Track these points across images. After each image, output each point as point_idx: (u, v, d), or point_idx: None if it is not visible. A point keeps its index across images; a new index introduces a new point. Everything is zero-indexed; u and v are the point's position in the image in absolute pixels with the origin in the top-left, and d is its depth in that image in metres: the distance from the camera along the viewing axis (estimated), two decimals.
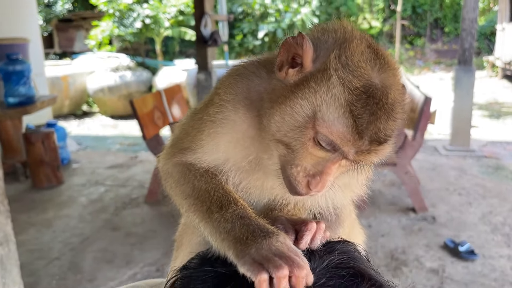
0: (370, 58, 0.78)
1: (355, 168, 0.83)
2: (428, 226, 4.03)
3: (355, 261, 0.69)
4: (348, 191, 0.97)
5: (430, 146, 6.41)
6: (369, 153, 0.77)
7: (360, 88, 0.75)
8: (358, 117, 0.74)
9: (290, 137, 0.79)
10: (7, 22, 6.35)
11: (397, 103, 0.77)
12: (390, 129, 0.76)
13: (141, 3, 10.65)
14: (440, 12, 14.98)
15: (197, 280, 0.67)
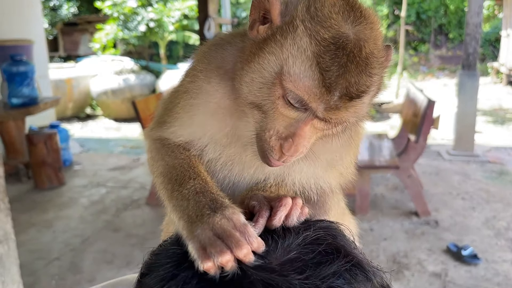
0: (343, 10, 0.72)
1: (332, 132, 0.78)
2: (431, 230, 4.00)
3: (334, 238, 0.64)
4: (334, 171, 0.92)
5: (433, 151, 6.37)
6: (339, 110, 0.71)
7: (329, 39, 0.70)
8: (325, 69, 0.69)
9: (260, 97, 0.75)
10: (12, 24, 6.39)
11: (373, 57, 0.72)
12: (363, 84, 0.71)
13: (146, 6, 10.70)
14: (444, 18, 14.97)
15: (163, 255, 0.64)
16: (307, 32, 0.71)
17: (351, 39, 0.70)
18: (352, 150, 0.93)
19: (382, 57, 0.75)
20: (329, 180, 0.92)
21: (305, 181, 0.89)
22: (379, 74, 0.75)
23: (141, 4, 10.59)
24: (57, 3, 12.96)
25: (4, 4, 6.26)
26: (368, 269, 0.61)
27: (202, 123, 0.87)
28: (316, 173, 0.89)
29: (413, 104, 4.67)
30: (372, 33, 0.73)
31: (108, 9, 10.60)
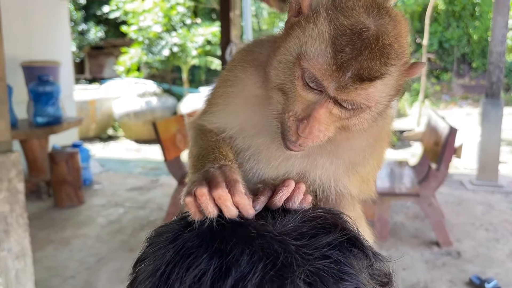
0: (368, 5, 0.77)
1: (351, 123, 0.81)
2: (453, 261, 3.87)
3: (336, 218, 0.62)
4: (355, 176, 0.93)
5: (456, 180, 6.23)
6: (350, 91, 0.74)
7: (347, 25, 0.74)
8: (339, 50, 0.73)
9: (283, 79, 0.81)
10: (41, 46, 6.62)
11: (391, 49, 0.75)
12: (376, 70, 0.74)
13: (170, 31, 10.96)
14: (467, 48, 14.89)
15: (167, 227, 0.64)
16: (328, 18, 0.77)
17: (370, 28, 0.75)
18: (376, 155, 0.94)
19: (402, 53, 0.78)
20: (349, 184, 0.93)
21: (326, 179, 0.90)
22: (397, 68, 0.77)
23: (166, 29, 10.86)
24: (86, 27, 13.40)
25: (35, 27, 6.51)
26: (365, 245, 0.60)
27: (235, 111, 0.93)
28: (337, 172, 0.91)
29: (434, 131, 4.61)
30: (395, 29, 0.77)
31: (133, 34, 10.90)
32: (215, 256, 0.52)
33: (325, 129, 0.80)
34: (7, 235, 2.77)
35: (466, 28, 14.69)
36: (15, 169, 2.80)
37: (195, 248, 0.54)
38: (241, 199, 0.65)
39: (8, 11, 2.76)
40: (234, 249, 0.53)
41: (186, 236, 0.57)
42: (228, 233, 0.57)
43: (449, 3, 14.54)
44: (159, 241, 0.60)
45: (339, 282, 0.52)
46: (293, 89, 0.80)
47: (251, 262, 0.51)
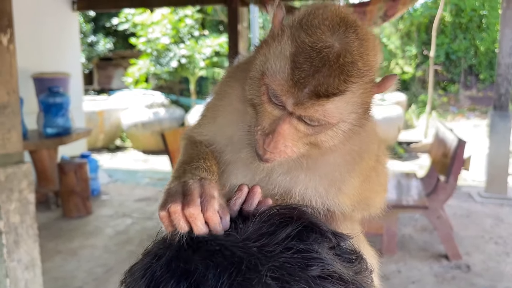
0: (333, 24, 0.79)
1: (318, 140, 0.82)
2: (462, 274, 3.83)
3: (292, 211, 0.63)
4: (342, 193, 0.93)
5: (464, 193, 6.19)
6: (308, 107, 0.76)
7: (308, 42, 0.77)
8: (297, 67, 0.76)
9: (253, 94, 0.84)
10: (52, 58, 6.71)
11: (354, 67, 0.77)
12: (334, 86, 0.75)
13: (178, 43, 11.07)
14: (474, 59, 14.87)
15: (138, 264, 0.67)
16: (291, 36, 0.79)
17: (332, 45, 0.76)
18: (359, 171, 0.94)
19: (367, 70, 0.79)
20: (338, 201, 0.93)
21: (308, 196, 0.91)
22: (360, 86, 0.79)
23: (174, 41, 10.96)
24: (95, 39, 13.56)
25: (46, 39, 6.60)
26: (324, 229, 0.61)
27: (223, 124, 0.96)
28: (318, 189, 0.91)
29: (442, 143, 4.60)
30: (360, 48, 0.78)
31: (142, 45, 11.01)
32: (182, 279, 0.54)
33: (292, 144, 0.82)
34: (17, 245, 2.79)
35: (473, 39, 14.69)
36: (26, 180, 2.83)
37: (163, 276, 0.56)
38: (212, 216, 0.66)
39: (20, 23, 2.81)
40: (198, 266, 0.54)
41: (154, 267, 0.59)
42: (191, 252, 0.58)
43: (456, 15, 14.57)
44: (131, 280, 0.62)
45: (305, 269, 0.53)
46: (260, 104, 0.82)
47: (217, 275, 0.52)
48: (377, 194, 1.04)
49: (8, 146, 2.74)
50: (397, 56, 14.95)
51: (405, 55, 15.05)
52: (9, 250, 2.74)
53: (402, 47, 15.02)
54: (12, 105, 2.76)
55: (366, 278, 0.60)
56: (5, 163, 2.73)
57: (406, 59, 15.03)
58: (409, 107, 13.10)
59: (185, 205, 0.68)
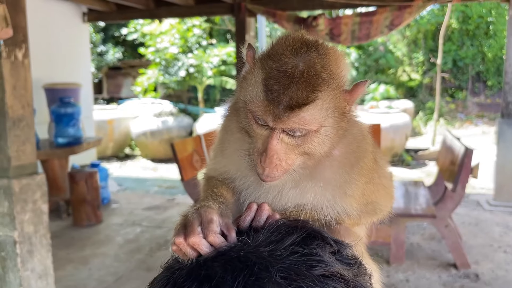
0: (296, 48, 0.91)
1: (308, 148, 0.92)
2: (471, 284, 3.83)
3: (296, 222, 0.71)
4: (348, 197, 1.02)
5: (472, 201, 6.17)
6: (285, 119, 0.88)
7: (275, 68, 0.89)
8: (269, 88, 0.88)
9: (243, 122, 0.97)
10: (63, 69, 6.83)
11: (318, 78, 0.89)
12: (303, 97, 0.87)
13: (186, 53, 11.18)
14: (482, 66, 14.84)
15: (159, 276, 0.71)
16: (261, 66, 0.92)
17: (295, 65, 0.89)
18: (359, 171, 1.03)
19: (332, 79, 0.91)
20: (345, 206, 1.02)
21: (320, 202, 1.01)
22: (328, 93, 0.90)
23: (182, 50, 11.08)
24: (104, 49, 13.72)
25: (57, 50, 6.72)
26: (326, 236, 0.69)
27: (230, 155, 1.07)
28: (326, 194, 1.01)
29: (450, 151, 4.61)
30: (322, 61, 0.91)
31: (151, 55, 11.14)
32: (204, 282, 0.60)
33: (286, 157, 0.92)
34: (31, 255, 2.86)
35: (481, 46, 14.67)
36: (39, 191, 2.90)
37: (186, 282, 0.61)
38: (214, 239, 0.73)
39: (32, 35, 2.89)
40: (218, 271, 0.61)
41: (176, 275, 0.64)
42: (211, 261, 0.65)
43: (463, 22, 14.57)
44: None
45: (309, 269, 0.60)
46: (251, 129, 0.94)
47: (234, 277, 0.58)
48: (383, 197, 1.12)
49: (22, 158, 2.82)
50: (404, 63, 14.95)
51: (412, 62, 15.05)
52: (23, 259, 2.81)
53: (409, 54, 15.03)
54: (26, 118, 2.83)
55: (366, 281, 0.67)
56: (19, 174, 2.80)
57: (413, 66, 15.03)
58: (417, 115, 13.08)
59: (186, 236, 0.75)
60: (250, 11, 6.26)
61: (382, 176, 1.11)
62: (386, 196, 1.13)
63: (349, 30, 5.70)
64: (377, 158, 1.09)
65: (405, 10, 5.43)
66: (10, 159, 2.73)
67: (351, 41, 6.04)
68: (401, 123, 8.80)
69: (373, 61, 13.96)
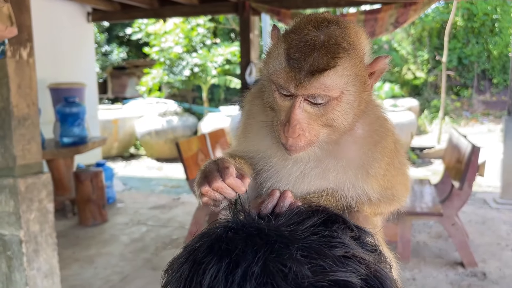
0: (317, 23, 0.95)
1: (326, 115, 0.94)
2: (478, 282, 3.80)
3: (316, 206, 0.70)
4: (370, 178, 1.03)
5: (479, 199, 6.13)
6: (307, 84, 0.90)
7: (296, 38, 0.94)
8: (291, 57, 0.92)
9: (269, 97, 1.00)
10: (68, 68, 6.84)
11: (339, 47, 0.92)
12: (324, 63, 0.90)
13: (191, 52, 11.18)
14: (487, 64, 14.75)
15: (179, 255, 0.69)
16: (284, 39, 0.96)
17: (316, 36, 0.92)
18: (382, 152, 1.05)
19: (352, 49, 0.94)
20: (366, 188, 1.04)
21: (342, 180, 1.04)
22: (348, 60, 0.93)
23: (186, 50, 11.08)
24: (109, 49, 13.75)
25: (62, 50, 6.74)
26: (347, 219, 0.69)
27: (253, 139, 1.11)
28: (348, 173, 1.03)
29: (456, 150, 4.58)
30: (342, 33, 0.94)
31: (155, 55, 11.14)
32: (224, 256, 0.59)
33: (309, 128, 0.94)
34: (36, 254, 2.86)
35: (486, 44, 14.57)
36: (45, 190, 2.90)
37: (206, 257, 0.61)
38: (232, 182, 0.85)
39: (37, 35, 2.89)
40: (238, 245, 0.60)
41: (196, 252, 0.64)
42: (232, 235, 0.64)
43: (468, 20, 14.48)
44: (174, 267, 0.66)
45: (330, 249, 0.60)
46: (275, 102, 0.97)
47: (254, 251, 0.58)
48: (401, 185, 1.13)
49: (28, 157, 2.82)
50: (409, 61, 14.88)
51: (417, 60, 14.98)
52: (29, 259, 2.81)
53: (414, 53, 14.96)
54: (31, 117, 2.83)
55: (386, 268, 0.66)
56: (25, 173, 2.80)
57: (418, 65, 14.96)
58: (422, 113, 13.02)
59: (210, 183, 0.85)
60: (254, 10, 6.24)
61: (402, 163, 1.12)
62: (404, 185, 1.14)
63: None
64: (397, 144, 1.10)
65: (410, 8, 5.40)
66: (15, 158, 2.73)
67: None
68: (406, 121, 8.76)
69: None
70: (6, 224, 2.78)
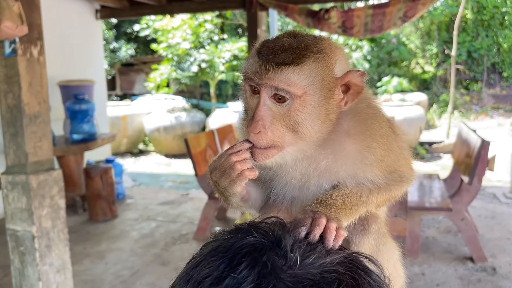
0: (295, 33, 1.02)
1: (289, 116, 0.96)
2: (488, 277, 3.79)
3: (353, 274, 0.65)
4: (367, 165, 1.05)
5: (489, 193, 6.10)
6: (272, 75, 0.94)
7: (271, 42, 1.00)
8: (261, 52, 0.98)
9: (243, 99, 1.06)
10: (77, 66, 6.89)
11: (308, 49, 0.97)
12: (290, 58, 0.95)
13: (198, 48, 11.19)
14: (497, 57, 14.59)
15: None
16: (260, 44, 1.02)
17: (289, 41, 0.98)
18: (370, 140, 1.06)
19: (321, 53, 0.98)
20: (365, 172, 1.06)
21: (342, 175, 1.06)
22: (314, 62, 0.96)
23: (194, 46, 11.09)
24: (117, 45, 13.81)
25: (71, 47, 6.78)
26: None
27: None
28: (349, 170, 1.05)
29: (466, 144, 4.55)
30: (316, 42, 0.99)
31: (163, 51, 11.17)
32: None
33: (271, 127, 0.96)
34: (49, 250, 2.90)
35: (496, 37, 14.41)
36: (57, 186, 2.94)
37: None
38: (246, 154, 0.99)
39: (46, 33, 2.91)
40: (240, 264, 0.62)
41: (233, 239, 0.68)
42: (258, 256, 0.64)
43: (478, 13, 14.32)
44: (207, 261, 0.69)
45: None
46: (246, 102, 1.02)
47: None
48: (406, 166, 1.15)
49: (39, 154, 2.85)
50: (417, 55, 14.77)
51: (425, 54, 14.86)
52: (42, 254, 2.85)
53: (423, 46, 14.84)
54: (42, 115, 2.87)
55: None
56: (36, 170, 2.84)
57: (426, 59, 14.84)
58: (431, 107, 12.93)
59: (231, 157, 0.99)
60: (262, 5, 6.23)
61: (400, 146, 1.13)
62: (407, 166, 1.15)
63: (361, 22, 5.63)
64: (394, 129, 1.12)
65: (419, 1, 5.35)
66: (27, 155, 2.77)
67: (364, 34, 5.97)
68: (415, 116, 8.71)
69: (386, 53, 13.81)
70: (18, 220, 2.82)
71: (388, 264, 1.10)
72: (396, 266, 1.15)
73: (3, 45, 2.69)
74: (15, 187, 2.79)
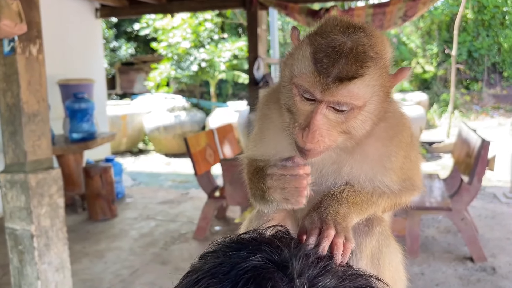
0: (343, 27, 0.94)
1: (351, 125, 0.94)
2: (488, 277, 3.78)
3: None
4: (386, 169, 1.05)
5: (489, 193, 6.09)
6: (333, 91, 0.89)
7: (324, 43, 0.92)
8: (318, 61, 0.90)
9: (287, 99, 0.98)
10: (77, 65, 6.88)
11: (366, 55, 0.91)
12: (353, 71, 0.89)
13: (198, 47, 11.18)
14: (498, 57, 14.57)
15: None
16: (309, 42, 0.95)
17: (343, 42, 0.91)
18: (395, 146, 1.06)
19: (378, 58, 0.94)
20: (383, 176, 1.06)
21: (356, 174, 1.05)
22: (375, 70, 0.93)
23: (194, 45, 11.08)
24: (117, 44, 13.80)
25: (71, 46, 6.78)
26: None
27: (269, 141, 1.12)
28: (366, 172, 1.05)
29: (466, 144, 4.55)
30: (369, 41, 0.94)
31: (163, 50, 11.16)
32: None
33: (327, 134, 0.93)
34: (47, 248, 2.89)
35: (496, 37, 14.39)
36: (55, 185, 2.93)
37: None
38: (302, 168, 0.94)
39: (45, 31, 2.91)
40: None
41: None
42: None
43: (478, 12, 14.30)
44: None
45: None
46: (294, 105, 0.96)
47: None
48: (418, 176, 1.16)
49: (38, 153, 2.85)
50: (417, 55, 14.76)
51: (426, 54, 14.85)
52: (40, 253, 2.85)
53: (423, 46, 14.83)
54: (41, 113, 2.86)
55: None
56: (35, 169, 2.83)
57: (427, 58, 14.83)
58: (431, 107, 12.92)
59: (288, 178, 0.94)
60: (262, 4, 6.22)
61: (417, 156, 1.15)
62: (419, 176, 1.17)
63: (362, 22, 5.63)
64: (413, 138, 1.13)
65: (419, 1, 5.34)
66: (26, 154, 2.76)
67: None
68: (415, 115, 8.71)
69: None
70: (17, 219, 2.81)
71: (390, 266, 1.10)
72: (398, 269, 1.15)
73: (2, 44, 2.68)
74: (14, 185, 2.78)
